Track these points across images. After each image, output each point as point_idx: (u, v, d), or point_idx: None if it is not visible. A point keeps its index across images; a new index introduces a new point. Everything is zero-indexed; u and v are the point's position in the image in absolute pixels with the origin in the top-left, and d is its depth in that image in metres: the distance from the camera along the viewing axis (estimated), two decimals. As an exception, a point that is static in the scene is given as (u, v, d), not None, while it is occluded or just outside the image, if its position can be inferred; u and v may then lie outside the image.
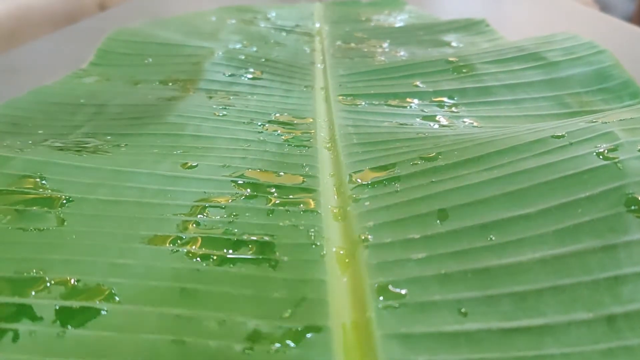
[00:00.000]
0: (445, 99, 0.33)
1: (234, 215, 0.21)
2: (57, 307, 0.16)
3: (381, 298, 0.16)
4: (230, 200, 0.22)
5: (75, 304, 0.16)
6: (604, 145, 0.21)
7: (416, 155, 0.24)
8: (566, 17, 0.57)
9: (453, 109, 0.32)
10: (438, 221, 0.19)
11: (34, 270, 0.17)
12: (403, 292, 0.17)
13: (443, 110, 0.32)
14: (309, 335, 0.15)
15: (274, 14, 0.57)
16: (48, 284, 0.16)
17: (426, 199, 0.21)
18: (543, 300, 0.16)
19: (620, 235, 0.17)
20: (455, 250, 0.18)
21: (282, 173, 0.24)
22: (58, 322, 0.15)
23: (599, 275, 0.16)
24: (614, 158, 0.20)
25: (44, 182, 0.22)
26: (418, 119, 0.30)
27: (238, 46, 0.44)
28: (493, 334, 0.15)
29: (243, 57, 0.40)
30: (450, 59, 0.37)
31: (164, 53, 0.40)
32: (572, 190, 0.19)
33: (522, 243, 0.18)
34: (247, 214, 0.21)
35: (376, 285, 0.17)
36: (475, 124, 0.30)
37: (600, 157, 0.20)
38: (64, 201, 0.21)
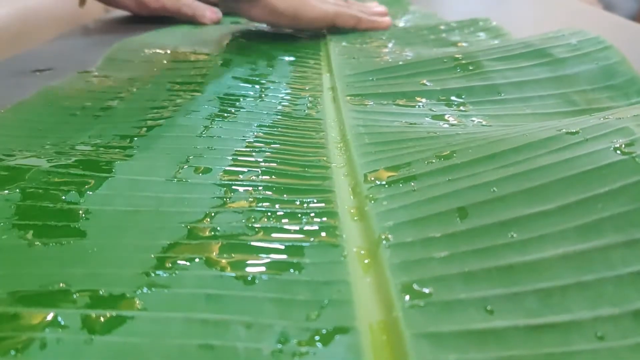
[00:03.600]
0: (453, 98, 0.33)
1: (252, 219, 0.21)
2: (84, 316, 0.16)
3: (407, 297, 0.16)
4: (247, 205, 0.22)
5: (101, 312, 0.16)
6: (620, 140, 0.21)
7: (430, 154, 0.24)
8: (570, 15, 0.57)
9: (461, 107, 0.32)
10: (458, 219, 0.19)
11: (59, 284, 0.17)
12: (428, 291, 0.17)
13: (452, 109, 0.32)
14: (337, 336, 0.15)
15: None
16: (74, 296, 0.16)
17: (444, 198, 0.21)
18: (568, 296, 0.16)
19: (642, 229, 0.17)
20: (477, 248, 0.18)
21: (296, 174, 0.24)
22: (85, 330, 0.15)
23: (623, 270, 0.16)
24: (631, 152, 0.20)
25: (63, 196, 0.21)
26: (427, 118, 0.31)
27: (244, 51, 0.44)
28: (520, 331, 0.15)
29: (248, 61, 0.40)
30: (457, 56, 0.37)
31: (170, 60, 0.40)
32: (591, 186, 0.19)
33: (544, 240, 0.18)
34: (264, 218, 0.21)
35: (400, 284, 0.17)
36: (484, 122, 0.30)
37: (618, 152, 0.20)
38: (83, 214, 0.21)
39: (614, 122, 0.22)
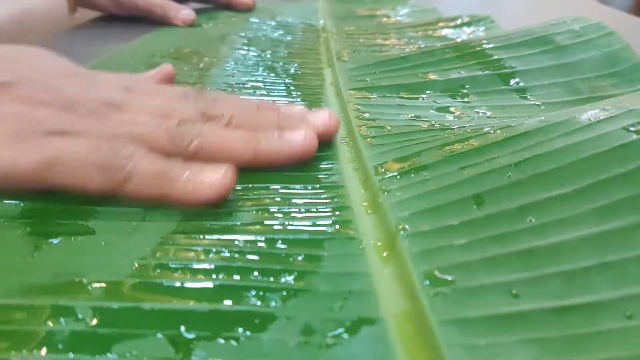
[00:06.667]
0: (456, 89, 0.33)
1: (265, 216, 0.20)
2: (97, 306, 0.15)
3: (430, 285, 0.16)
4: (260, 202, 0.21)
5: (114, 304, 0.16)
6: (632, 121, 0.21)
7: (439, 144, 0.24)
8: (568, 9, 0.57)
9: (465, 98, 0.32)
10: (474, 206, 0.19)
11: (71, 274, 0.17)
12: (450, 278, 0.16)
13: (456, 100, 0.32)
14: (363, 327, 0.15)
15: (278, 13, 0.56)
16: (89, 287, 0.16)
17: (458, 185, 0.21)
18: (591, 277, 0.16)
19: (662, 208, 0.17)
20: (496, 233, 0.18)
21: (305, 172, 0.24)
22: (98, 317, 0.15)
23: (645, 250, 0.16)
24: (644, 132, 0.20)
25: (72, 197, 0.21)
26: (432, 110, 0.30)
27: (245, 48, 0.44)
28: (547, 313, 0.15)
29: (250, 58, 0.39)
30: (459, 46, 0.37)
31: (170, 60, 0.40)
32: (607, 167, 0.19)
33: (563, 223, 0.18)
34: (277, 214, 0.21)
35: (422, 273, 0.17)
36: (488, 113, 0.30)
37: (631, 132, 0.20)
38: (92, 213, 0.20)
39: (623, 106, 0.22)
